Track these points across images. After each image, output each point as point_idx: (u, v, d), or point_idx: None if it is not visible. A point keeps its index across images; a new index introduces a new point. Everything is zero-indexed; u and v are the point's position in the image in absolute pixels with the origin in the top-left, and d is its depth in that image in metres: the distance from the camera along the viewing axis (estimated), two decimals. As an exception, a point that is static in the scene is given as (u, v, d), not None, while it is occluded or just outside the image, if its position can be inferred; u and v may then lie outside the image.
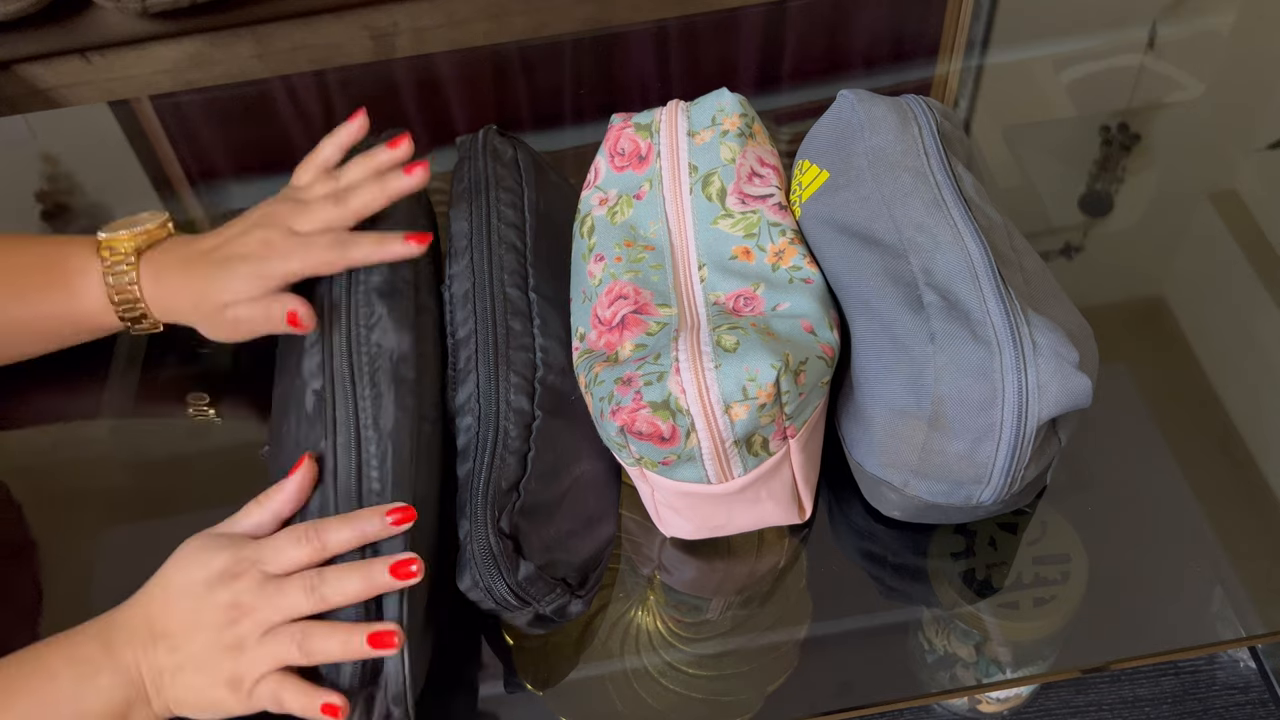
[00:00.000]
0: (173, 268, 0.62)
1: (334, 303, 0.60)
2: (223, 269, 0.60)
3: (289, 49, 1.38)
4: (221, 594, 0.51)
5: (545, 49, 0.94)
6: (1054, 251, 0.72)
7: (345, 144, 0.64)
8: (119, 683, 0.51)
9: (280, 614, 0.50)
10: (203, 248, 0.62)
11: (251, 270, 0.59)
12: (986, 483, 0.52)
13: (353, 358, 0.58)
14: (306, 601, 0.50)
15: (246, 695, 0.50)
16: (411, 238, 0.58)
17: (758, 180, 0.61)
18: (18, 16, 1.25)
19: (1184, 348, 0.67)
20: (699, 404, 0.50)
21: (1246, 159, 0.78)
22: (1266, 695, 1.11)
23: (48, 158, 0.86)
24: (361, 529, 0.52)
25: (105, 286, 0.62)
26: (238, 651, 0.50)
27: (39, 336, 0.65)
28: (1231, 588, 0.58)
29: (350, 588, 0.51)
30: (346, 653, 0.50)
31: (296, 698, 0.50)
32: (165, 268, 0.62)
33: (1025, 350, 0.50)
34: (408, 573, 0.50)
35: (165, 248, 0.63)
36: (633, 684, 0.57)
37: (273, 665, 0.50)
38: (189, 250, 0.63)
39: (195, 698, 0.51)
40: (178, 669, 0.51)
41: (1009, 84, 0.86)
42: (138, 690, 0.51)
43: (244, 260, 0.59)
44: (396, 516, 0.52)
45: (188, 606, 0.51)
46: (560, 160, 0.81)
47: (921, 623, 0.58)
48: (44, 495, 0.66)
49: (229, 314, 0.60)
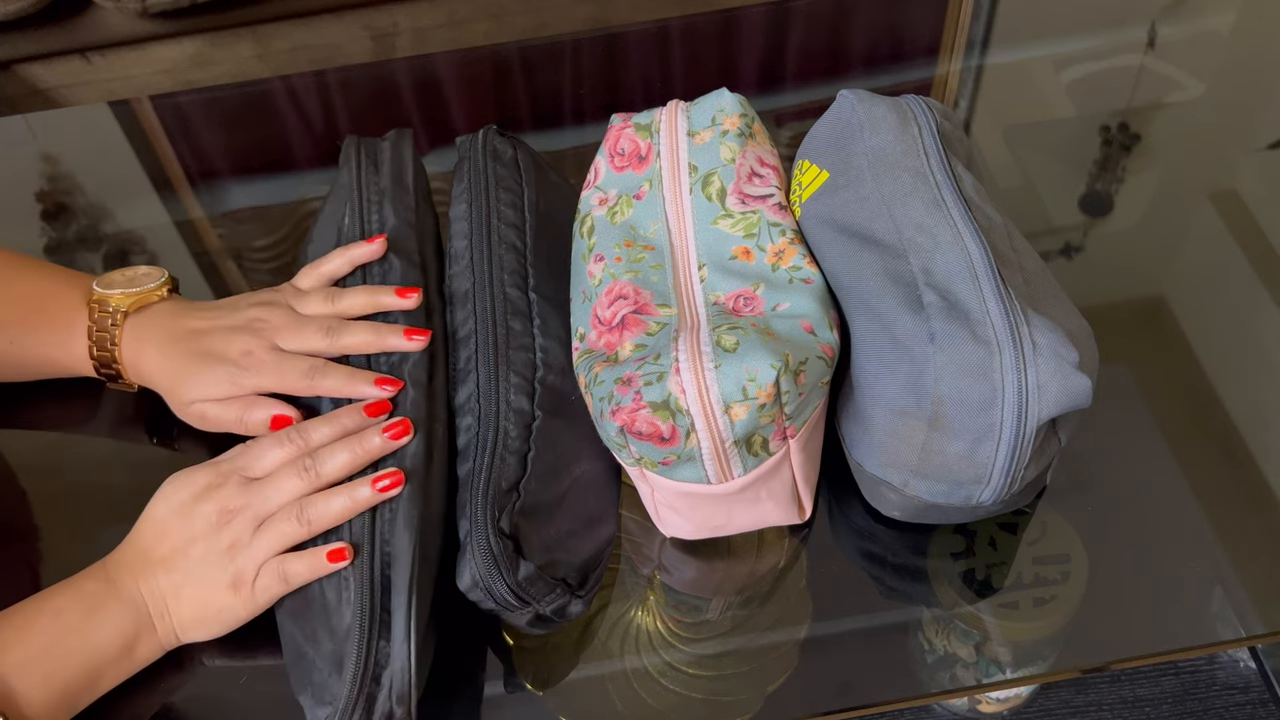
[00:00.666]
0: (152, 342, 0.62)
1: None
2: (197, 366, 0.60)
3: (289, 49, 1.38)
4: (207, 505, 0.52)
5: (545, 49, 0.94)
6: (1054, 251, 0.72)
7: (357, 261, 0.63)
8: (124, 611, 0.52)
9: (271, 503, 0.53)
10: (187, 327, 0.62)
11: (225, 376, 0.59)
12: (986, 483, 0.52)
13: (368, 361, 0.59)
14: (300, 482, 0.52)
15: (250, 592, 0.52)
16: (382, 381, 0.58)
17: (758, 180, 0.61)
18: (18, 16, 1.25)
19: (1184, 348, 0.67)
20: (699, 404, 0.50)
21: (1246, 159, 0.78)
22: (1266, 695, 1.11)
23: (48, 158, 0.86)
24: (342, 424, 0.54)
25: (88, 340, 0.62)
26: (235, 550, 0.52)
27: (17, 369, 0.65)
28: (1231, 588, 0.58)
29: (340, 457, 0.53)
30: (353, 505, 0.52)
31: (299, 564, 0.51)
32: (146, 339, 0.62)
33: (1025, 350, 0.50)
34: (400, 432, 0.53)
35: (152, 314, 0.62)
36: (633, 684, 0.57)
37: (273, 549, 0.52)
38: (174, 326, 0.62)
39: (199, 610, 0.52)
40: (178, 588, 0.52)
41: (1009, 84, 0.86)
42: (143, 618, 0.52)
43: (221, 363, 0.60)
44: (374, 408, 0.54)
45: (177, 525, 0.52)
46: (560, 160, 0.81)
47: (921, 623, 0.58)
48: (44, 495, 0.66)
49: (196, 409, 0.61)
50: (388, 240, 0.63)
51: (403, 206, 0.65)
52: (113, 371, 0.63)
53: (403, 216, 0.65)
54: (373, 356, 0.59)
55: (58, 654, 0.51)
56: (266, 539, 0.52)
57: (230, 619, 0.53)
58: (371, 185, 0.66)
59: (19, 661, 0.50)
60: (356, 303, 0.61)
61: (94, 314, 0.62)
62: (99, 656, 0.52)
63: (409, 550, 0.52)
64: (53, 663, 0.51)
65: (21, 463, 0.68)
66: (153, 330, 0.62)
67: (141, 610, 0.52)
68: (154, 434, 0.67)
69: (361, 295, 0.61)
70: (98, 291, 0.62)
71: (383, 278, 0.62)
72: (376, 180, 0.66)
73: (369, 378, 0.58)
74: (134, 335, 0.62)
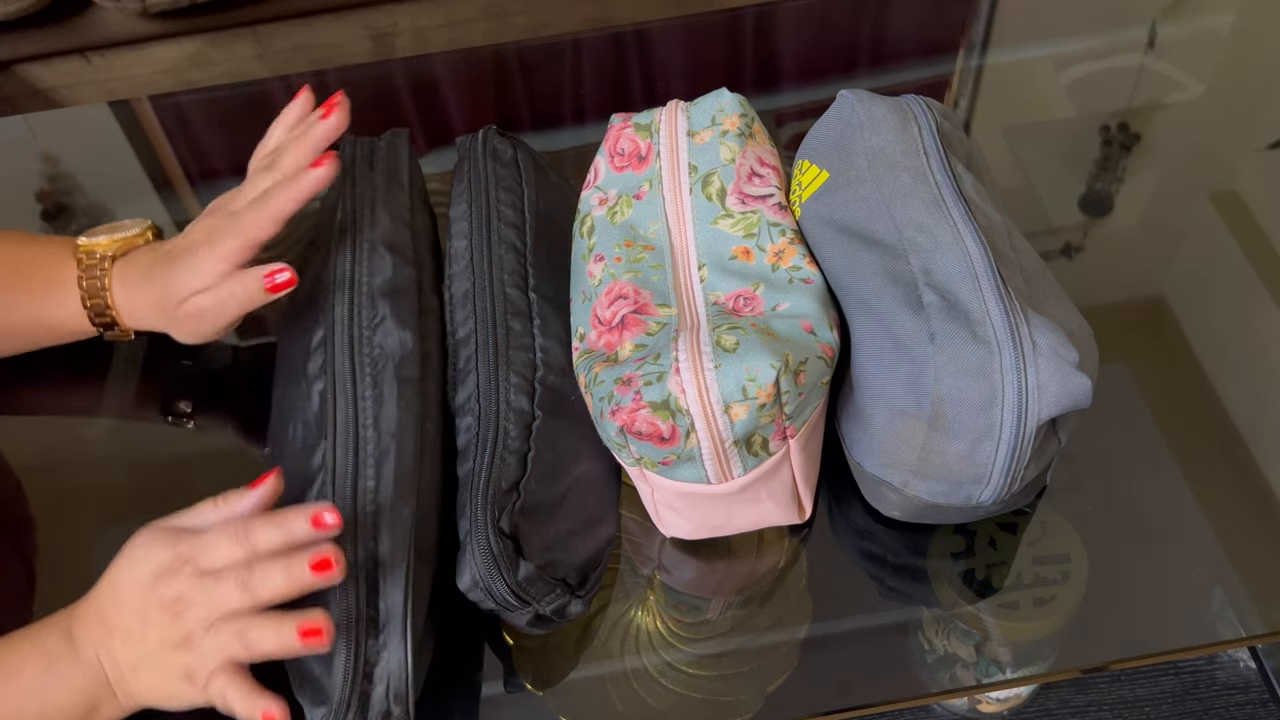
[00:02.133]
0: (137, 274, 0.63)
1: (336, 302, 0.60)
2: (174, 264, 0.60)
3: (289, 49, 1.38)
4: (163, 590, 0.50)
5: (545, 49, 0.94)
6: (1054, 251, 0.72)
7: (291, 123, 0.64)
8: (83, 674, 0.51)
9: (217, 609, 0.50)
10: (163, 250, 0.63)
11: (199, 258, 0.59)
12: (986, 483, 0.52)
13: (355, 358, 0.58)
14: (240, 596, 0.50)
15: (203, 687, 0.50)
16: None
17: (757, 180, 0.61)
18: (18, 16, 1.25)
19: (1184, 348, 0.67)
20: (699, 404, 0.50)
21: (1246, 159, 0.78)
22: (1266, 695, 1.11)
23: (48, 158, 0.86)
24: (290, 529, 0.51)
25: (79, 290, 0.62)
26: (187, 645, 0.50)
27: (12, 337, 0.65)
28: (1231, 588, 0.58)
29: (276, 582, 0.50)
30: (281, 646, 0.49)
31: (239, 700, 0.49)
32: (131, 274, 0.63)
33: (1025, 350, 0.50)
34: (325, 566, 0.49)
35: (136, 254, 0.64)
36: (633, 684, 0.57)
37: (221, 660, 0.50)
38: (153, 254, 0.63)
39: (156, 692, 0.51)
40: (134, 665, 0.51)
41: (1009, 84, 0.86)
42: (103, 684, 0.51)
43: (190, 251, 0.60)
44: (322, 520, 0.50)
45: (134, 602, 0.51)
46: (560, 160, 0.81)
47: (921, 623, 0.58)
48: (44, 495, 0.66)
49: (187, 308, 0.60)
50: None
51: (398, 205, 0.65)
52: (107, 319, 0.63)
53: (397, 215, 0.64)
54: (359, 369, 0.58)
55: (12, 714, 0.50)
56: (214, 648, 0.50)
57: (187, 703, 0.51)
58: (365, 183, 0.66)
59: None
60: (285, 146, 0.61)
61: (82, 263, 0.62)
62: (57, 718, 0.51)
63: (401, 549, 0.52)
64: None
65: (21, 463, 0.68)
66: (135, 265, 0.63)
67: (100, 677, 0.51)
68: (153, 433, 0.67)
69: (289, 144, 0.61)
70: (83, 242, 0.63)
71: (373, 273, 0.62)
72: (371, 179, 0.66)
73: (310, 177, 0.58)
74: (121, 275, 0.63)
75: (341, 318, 0.59)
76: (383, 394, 0.56)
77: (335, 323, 0.59)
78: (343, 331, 0.59)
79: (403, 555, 0.52)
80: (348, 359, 0.58)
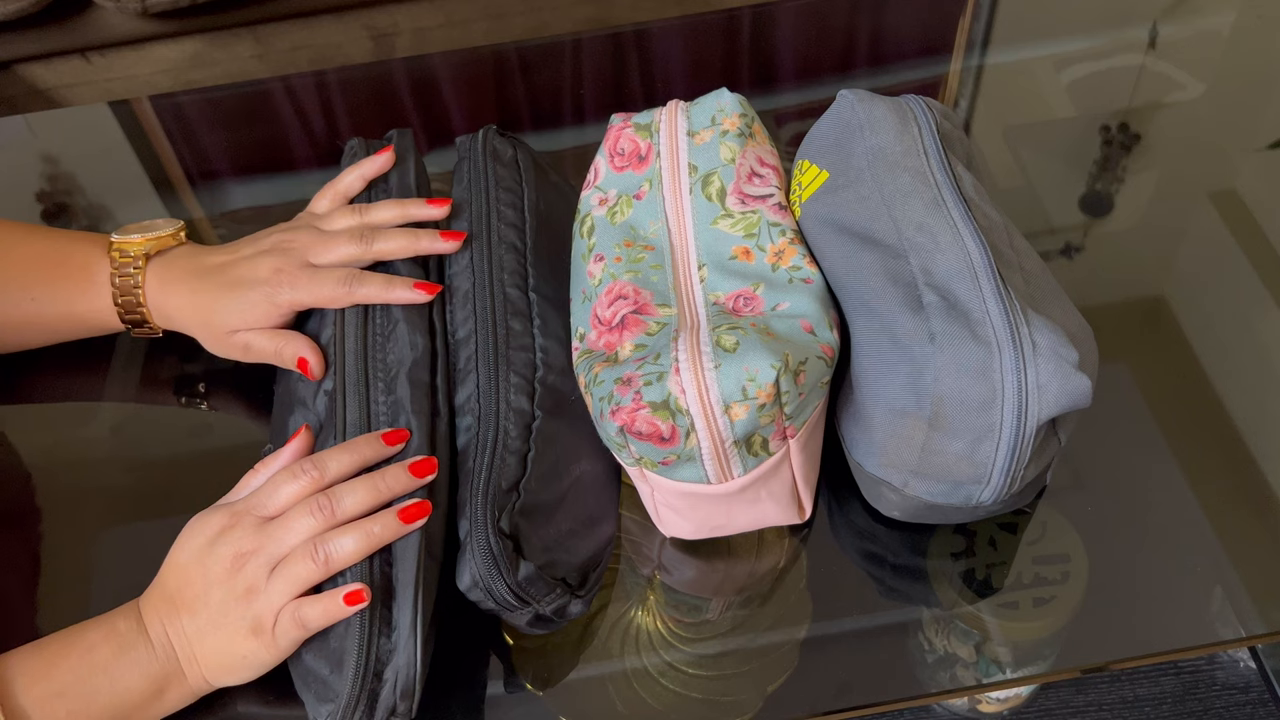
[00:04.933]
0: (179, 280, 0.62)
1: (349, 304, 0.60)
2: (232, 293, 0.60)
3: (289, 49, 1.38)
4: (222, 549, 0.51)
5: (545, 49, 0.94)
6: (1054, 251, 0.72)
7: (369, 176, 0.64)
8: (154, 656, 0.51)
9: (283, 545, 0.51)
10: (211, 263, 0.62)
11: (262, 297, 0.60)
12: (986, 483, 0.52)
13: (367, 359, 0.58)
14: (314, 521, 0.51)
15: (272, 638, 0.51)
16: (420, 286, 0.59)
17: (757, 180, 0.61)
18: (18, 16, 1.25)
19: (1184, 348, 0.67)
20: (699, 404, 0.50)
21: (1246, 159, 0.78)
22: (1266, 695, 1.11)
23: (48, 158, 0.86)
24: (361, 453, 0.53)
25: (111, 287, 0.62)
26: (251, 595, 0.51)
27: (41, 329, 0.66)
28: (1231, 588, 0.58)
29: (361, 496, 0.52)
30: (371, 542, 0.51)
31: (315, 608, 0.50)
32: (172, 278, 0.63)
33: (1025, 350, 0.50)
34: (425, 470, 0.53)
35: (174, 256, 0.64)
36: (633, 684, 0.57)
37: (289, 593, 0.50)
38: (197, 263, 0.63)
39: (225, 658, 0.51)
40: (202, 633, 0.51)
41: (1009, 84, 0.86)
42: (172, 663, 0.52)
43: (254, 286, 0.60)
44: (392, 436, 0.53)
45: (196, 571, 0.52)
46: (560, 160, 0.81)
47: (921, 623, 0.58)
48: (44, 495, 0.66)
49: (238, 339, 0.61)
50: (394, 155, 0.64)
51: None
52: (137, 316, 0.64)
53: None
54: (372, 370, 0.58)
55: (85, 692, 0.50)
56: (282, 583, 0.50)
57: (256, 664, 0.51)
58: (375, 184, 0.66)
59: (45, 695, 0.50)
60: (386, 215, 0.62)
61: (115, 261, 0.63)
62: (127, 699, 0.51)
63: (413, 547, 0.52)
64: (79, 700, 0.50)
65: (21, 463, 0.68)
66: (176, 270, 0.63)
67: (170, 655, 0.51)
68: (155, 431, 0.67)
69: (391, 208, 0.62)
70: (117, 239, 0.63)
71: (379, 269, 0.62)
72: (376, 179, 0.66)
73: (406, 282, 0.59)
74: (157, 277, 0.63)
75: (355, 318, 0.59)
76: (396, 395, 0.57)
77: (347, 323, 0.59)
78: (355, 333, 0.59)
79: (414, 553, 0.52)
80: (359, 359, 0.59)
